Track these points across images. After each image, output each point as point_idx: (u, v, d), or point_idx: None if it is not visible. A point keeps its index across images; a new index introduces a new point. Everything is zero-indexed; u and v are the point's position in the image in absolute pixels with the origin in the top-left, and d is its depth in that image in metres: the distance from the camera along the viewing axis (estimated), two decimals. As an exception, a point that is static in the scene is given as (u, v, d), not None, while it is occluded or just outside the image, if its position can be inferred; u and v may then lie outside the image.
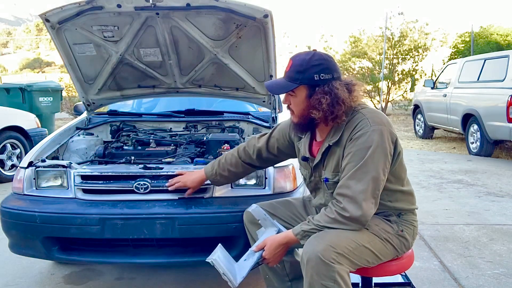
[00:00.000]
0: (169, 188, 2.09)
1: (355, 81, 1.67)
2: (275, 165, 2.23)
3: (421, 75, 20.73)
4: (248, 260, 1.68)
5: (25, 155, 2.74)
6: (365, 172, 1.54)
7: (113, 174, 2.23)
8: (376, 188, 1.56)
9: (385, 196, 1.64)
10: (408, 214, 1.73)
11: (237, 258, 1.75)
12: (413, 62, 21.46)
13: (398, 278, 2.00)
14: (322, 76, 1.61)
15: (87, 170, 2.27)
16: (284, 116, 3.15)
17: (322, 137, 1.74)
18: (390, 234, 1.65)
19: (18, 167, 2.38)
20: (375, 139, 1.56)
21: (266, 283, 1.97)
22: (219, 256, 1.67)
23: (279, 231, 1.74)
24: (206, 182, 2.13)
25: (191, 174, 2.09)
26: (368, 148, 1.56)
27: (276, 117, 2.89)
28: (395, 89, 15.96)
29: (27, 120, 5.59)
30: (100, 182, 2.22)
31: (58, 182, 2.29)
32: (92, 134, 2.91)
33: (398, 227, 1.68)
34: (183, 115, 3.11)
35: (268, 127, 2.86)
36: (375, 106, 14.18)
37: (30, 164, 2.32)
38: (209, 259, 1.65)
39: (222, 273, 1.63)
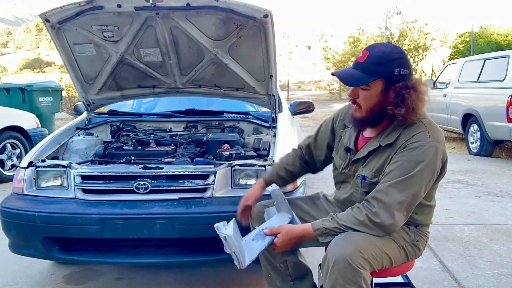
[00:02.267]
0: (238, 219, 1.85)
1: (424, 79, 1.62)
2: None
3: (421, 75, 20.70)
4: (257, 242, 1.61)
5: (25, 155, 2.74)
6: (410, 185, 1.51)
7: (113, 174, 2.23)
8: (413, 203, 1.54)
9: (414, 208, 1.61)
10: (424, 226, 1.73)
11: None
12: (413, 62, 21.48)
13: (398, 278, 2.00)
14: (402, 71, 1.54)
15: (87, 170, 2.28)
16: (284, 116, 3.15)
17: (372, 134, 1.67)
18: (406, 242, 1.64)
19: (18, 167, 2.38)
20: (429, 156, 1.52)
21: (268, 282, 1.96)
22: (231, 232, 1.55)
23: (292, 220, 1.70)
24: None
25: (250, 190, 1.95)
26: (420, 162, 1.51)
27: (276, 117, 2.88)
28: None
29: (27, 120, 5.58)
30: (100, 182, 2.22)
31: (58, 182, 2.29)
32: (92, 134, 2.91)
33: (414, 236, 1.67)
34: (183, 115, 3.11)
35: (268, 127, 2.86)
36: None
37: (30, 164, 2.32)
38: (222, 234, 1.54)
39: (232, 252, 1.54)
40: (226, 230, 1.54)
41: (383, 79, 1.54)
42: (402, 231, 1.64)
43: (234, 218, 1.63)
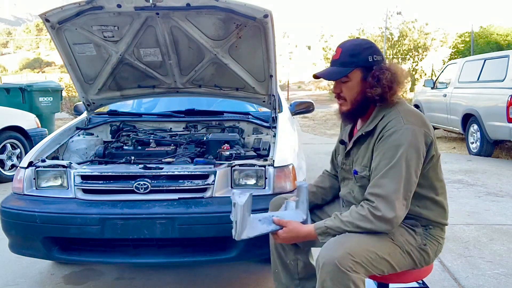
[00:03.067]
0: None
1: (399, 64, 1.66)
2: (275, 165, 2.23)
3: (421, 75, 20.69)
4: (262, 224, 1.63)
5: (25, 155, 2.74)
6: (398, 172, 1.52)
7: (113, 174, 2.23)
8: (408, 190, 1.54)
9: (413, 200, 1.59)
10: (435, 229, 1.69)
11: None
12: (413, 62, 21.49)
13: (414, 284, 1.99)
14: (375, 58, 1.63)
15: (87, 170, 2.28)
16: (284, 116, 3.15)
17: (361, 125, 1.73)
18: (412, 246, 1.61)
19: (18, 167, 2.38)
20: (408, 138, 1.54)
21: (274, 276, 1.95)
22: (243, 202, 1.56)
23: (304, 222, 1.71)
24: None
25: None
26: (399, 146, 1.53)
27: (276, 117, 2.88)
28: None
29: (27, 120, 5.58)
30: (100, 182, 2.22)
31: (58, 182, 2.29)
32: (92, 134, 2.91)
33: (421, 240, 1.64)
34: (183, 115, 3.11)
35: (268, 127, 2.86)
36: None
37: (30, 164, 2.32)
38: (233, 200, 1.57)
39: (234, 220, 1.57)
40: (240, 198, 1.58)
41: (360, 67, 1.63)
42: (406, 233, 1.61)
43: (251, 193, 1.64)
